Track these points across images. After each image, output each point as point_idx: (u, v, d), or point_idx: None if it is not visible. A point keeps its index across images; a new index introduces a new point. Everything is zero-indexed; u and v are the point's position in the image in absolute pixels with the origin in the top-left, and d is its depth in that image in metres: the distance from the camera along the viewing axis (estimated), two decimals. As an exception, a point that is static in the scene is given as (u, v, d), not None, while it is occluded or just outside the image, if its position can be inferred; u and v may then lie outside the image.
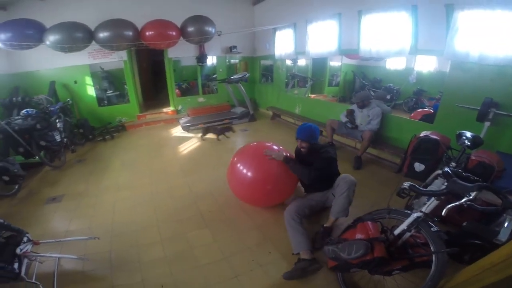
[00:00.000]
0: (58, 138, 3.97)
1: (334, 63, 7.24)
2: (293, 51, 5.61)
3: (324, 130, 4.48)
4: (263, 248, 2.19)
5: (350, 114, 3.88)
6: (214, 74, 7.01)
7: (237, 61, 7.35)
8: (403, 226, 1.50)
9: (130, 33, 4.47)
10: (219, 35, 5.07)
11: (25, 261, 1.70)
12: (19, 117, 3.80)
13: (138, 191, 3.22)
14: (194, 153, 4.36)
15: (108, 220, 2.66)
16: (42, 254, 1.85)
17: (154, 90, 8.11)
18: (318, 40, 4.88)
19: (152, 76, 8.04)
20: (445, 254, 1.35)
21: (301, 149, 2.35)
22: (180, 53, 6.07)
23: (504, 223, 1.27)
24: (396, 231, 1.53)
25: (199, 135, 5.09)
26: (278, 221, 2.45)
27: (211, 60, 6.92)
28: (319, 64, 7.32)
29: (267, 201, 2.63)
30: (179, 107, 6.46)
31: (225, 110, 6.57)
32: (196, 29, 4.80)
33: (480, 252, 1.55)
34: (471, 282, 1.36)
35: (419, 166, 2.39)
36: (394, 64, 7.14)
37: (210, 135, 4.92)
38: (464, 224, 1.63)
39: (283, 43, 5.88)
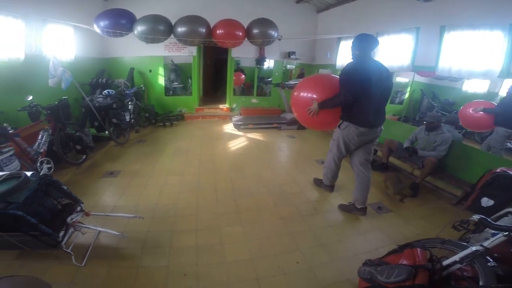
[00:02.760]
0: (127, 118, 4.38)
1: (400, 78, 6.44)
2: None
3: (380, 150, 3.95)
4: (291, 257, 2.12)
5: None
6: (269, 77, 7.00)
7: (293, 67, 7.15)
8: (455, 257, 1.42)
9: (204, 30, 4.67)
10: (279, 39, 4.92)
11: (71, 230, 1.75)
12: (101, 96, 4.24)
13: (186, 178, 3.39)
14: (241, 151, 4.47)
15: (154, 201, 2.79)
16: (87, 226, 1.94)
17: (214, 86, 8.36)
18: (387, 54, 4.44)
19: (214, 73, 8.28)
20: None
21: None
22: (243, 53, 6.31)
23: None
24: (446, 262, 1.44)
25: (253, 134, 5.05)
26: (313, 232, 2.42)
27: (268, 63, 6.84)
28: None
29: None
30: (234, 105, 6.56)
31: (276, 114, 6.59)
32: (260, 32, 4.83)
33: None
34: None
35: (487, 202, 2.15)
36: (473, 87, 6.04)
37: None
38: None
39: (347, 54, 5.46)
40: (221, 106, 6.75)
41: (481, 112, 3.56)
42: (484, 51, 3.14)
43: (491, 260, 1.32)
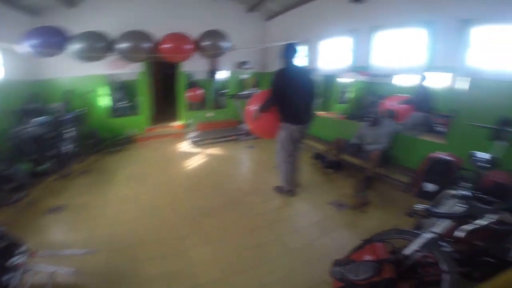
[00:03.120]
0: (68, 147, 4.03)
1: (343, 79, 7.22)
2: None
3: (331, 149, 4.39)
4: (265, 268, 2.19)
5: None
6: (224, 89, 7.14)
7: (248, 76, 7.42)
8: (414, 246, 1.53)
9: (149, 45, 4.62)
10: (234, 49, 5.16)
11: (19, 272, 1.66)
12: (31, 124, 3.90)
13: (142, 204, 3.29)
14: (201, 168, 4.45)
15: (109, 232, 2.68)
16: (36, 266, 1.80)
17: (165, 103, 8.25)
18: (329, 57, 5.03)
19: (164, 89, 8.19)
20: (457, 274, 1.38)
21: None
22: (194, 66, 6.26)
23: None
24: (406, 252, 1.55)
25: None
26: (282, 239, 2.54)
27: (222, 74, 7.05)
28: (329, 81, 7.33)
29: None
30: (189, 121, 6.55)
31: (233, 126, 6.70)
32: (211, 44, 4.93)
33: (490, 269, 1.53)
34: None
35: (429, 187, 2.37)
36: (404, 81, 7.08)
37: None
38: (481, 244, 1.63)
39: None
40: (174, 123, 6.63)
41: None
42: (410, 48, 3.65)
43: (446, 245, 1.45)
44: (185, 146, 5.64)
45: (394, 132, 3.79)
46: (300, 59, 5.52)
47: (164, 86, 8.24)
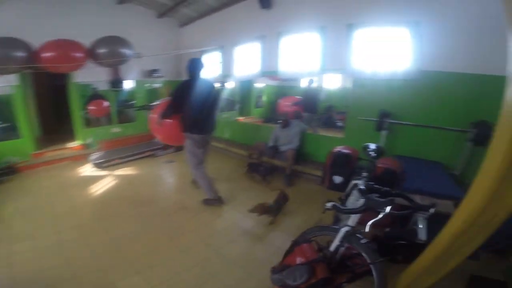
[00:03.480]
0: None
1: (259, 84, 7.77)
2: (220, 74, 5.90)
3: (254, 153, 4.68)
4: (210, 287, 2.15)
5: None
6: (132, 100, 6.64)
7: (160, 85, 7.16)
8: (336, 241, 1.65)
9: (23, 54, 3.93)
10: (139, 57, 4.87)
11: None
12: None
13: (41, 242, 2.74)
14: (111, 193, 3.96)
15: (4, 277, 2.22)
16: None
17: (57, 121, 7.16)
18: (243, 63, 5.27)
19: (54, 104, 7.11)
20: (381, 263, 1.50)
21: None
22: (90, 76, 5.54)
23: (418, 224, 1.47)
24: (331, 247, 1.67)
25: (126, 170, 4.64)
26: (219, 253, 2.52)
27: (129, 85, 6.60)
28: (246, 86, 7.75)
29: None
30: (89, 140, 5.82)
31: (147, 141, 6.20)
32: (109, 51, 4.53)
33: (409, 250, 1.76)
34: (416, 285, 1.57)
35: (337, 179, 2.64)
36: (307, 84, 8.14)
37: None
38: (387, 230, 1.84)
39: (210, 66, 6.08)
40: (70, 144, 5.71)
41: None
42: (308, 52, 4.12)
43: (362, 237, 1.59)
44: (88, 170, 4.92)
45: (302, 132, 4.30)
46: (208, 71, 5.59)
47: (54, 101, 7.15)
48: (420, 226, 1.44)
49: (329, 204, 1.56)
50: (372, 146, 2.26)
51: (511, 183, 1.07)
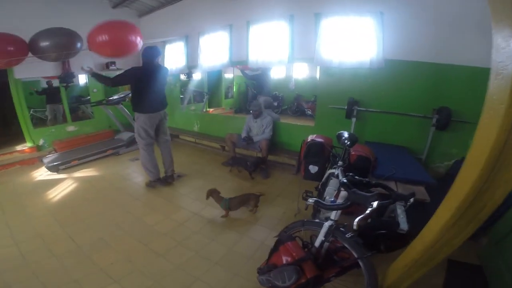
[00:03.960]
0: None
1: (228, 75, 7.57)
2: (185, 65, 5.59)
3: (226, 145, 4.55)
4: None
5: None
6: (87, 95, 6.08)
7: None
8: (320, 237, 1.61)
9: None
10: (90, 49, 4.39)
11: None
12: None
13: (0, 255, 2.45)
14: (71, 198, 3.59)
15: None
16: None
17: (1, 122, 6.38)
18: (210, 53, 5.01)
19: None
20: (368, 258, 1.48)
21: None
22: (34, 72, 4.96)
23: (398, 214, 1.44)
24: (316, 243, 1.63)
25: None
26: (200, 254, 2.41)
27: (83, 79, 6.02)
28: (215, 77, 7.51)
29: None
30: (41, 142, 5.25)
31: (108, 138, 5.78)
32: (54, 44, 4.02)
33: (390, 240, 1.76)
34: (404, 279, 1.58)
35: (313, 168, 2.64)
36: (277, 73, 8.17)
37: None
38: (368, 221, 1.75)
39: (174, 57, 5.79)
40: (19, 147, 5.07)
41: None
42: (277, 41, 4.01)
43: (346, 231, 1.56)
44: (43, 174, 4.43)
45: (274, 121, 4.25)
46: (170, 61, 5.81)
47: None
48: (401, 216, 1.43)
49: (311, 200, 1.51)
50: (346, 134, 2.23)
51: (498, 174, 1.08)
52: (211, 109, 7.46)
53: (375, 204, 1.29)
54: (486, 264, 2.09)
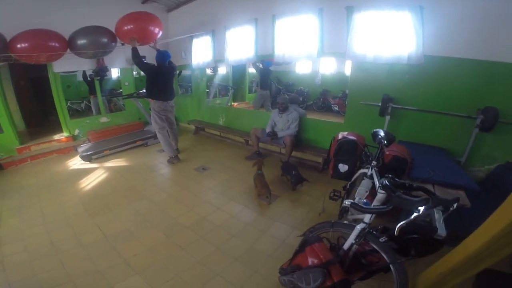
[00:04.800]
0: None
1: (252, 69, 7.50)
2: (211, 60, 5.61)
3: (250, 139, 4.53)
4: (215, 286, 2.03)
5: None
6: (119, 88, 6.34)
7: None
8: (351, 240, 1.55)
9: None
10: (122, 44, 4.56)
11: None
12: None
13: (32, 241, 2.61)
14: (101, 188, 3.77)
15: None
16: None
17: (41, 113, 6.86)
18: (236, 47, 4.98)
19: (36, 97, 6.78)
20: (401, 264, 1.41)
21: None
22: (71, 66, 5.28)
23: (436, 219, 1.33)
24: (345, 246, 1.57)
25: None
26: (221, 249, 2.41)
27: (115, 73, 6.27)
28: (239, 71, 7.50)
29: None
30: (76, 132, 5.56)
31: (137, 130, 6.01)
32: (90, 41, 4.23)
33: (422, 245, 1.60)
34: (437, 286, 1.49)
35: (343, 167, 2.51)
36: (302, 68, 7.95)
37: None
38: (402, 225, 1.68)
39: (201, 52, 5.83)
40: (57, 136, 5.46)
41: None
42: (305, 35, 3.87)
43: (379, 235, 1.48)
44: (76, 163, 4.72)
45: (300, 116, 4.13)
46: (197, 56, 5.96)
47: (36, 93, 6.82)
48: (439, 221, 1.30)
49: (347, 202, 1.44)
50: (382, 132, 2.10)
51: None
52: (235, 103, 7.47)
53: (422, 209, 1.20)
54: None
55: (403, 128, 3.42)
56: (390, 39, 3.22)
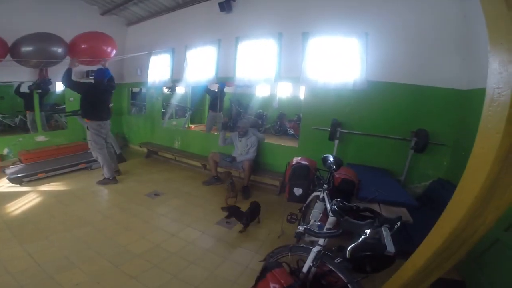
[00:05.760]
0: None
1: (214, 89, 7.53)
2: (169, 78, 5.51)
3: (208, 164, 4.43)
4: None
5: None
6: (63, 104, 5.78)
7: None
8: (308, 262, 1.58)
9: None
10: (74, 66, 4.21)
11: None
12: None
13: None
14: (34, 213, 3.28)
15: None
16: None
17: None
18: (196, 67, 4.99)
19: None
20: (359, 282, 1.46)
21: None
22: (7, 76, 4.68)
23: (384, 236, 1.42)
24: (304, 269, 1.60)
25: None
26: (179, 278, 2.25)
27: (60, 87, 5.73)
28: (198, 92, 7.44)
29: None
30: (5, 151, 4.84)
31: (80, 151, 5.41)
32: (36, 49, 3.88)
33: (375, 261, 1.64)
34: None
35: (297, 191, 2.64)
36: (262, 91, 8.29)
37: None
38: (351, 248, 1.74)
39: (158, 69, 5.71)
40: None
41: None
42: (265, 59, 4.07)
43: (334, 256, 1.53)
44: (4, 185, 4.03)
45: (258, 141, 4.20)
46: (155, 74, 5.81)
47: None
48: (387, 238, 1.42)
49: (300, 228, 1.50)
50: (331, 157, 2.31)
51: (491, 201, 1.11)
52: (193, 125, 7.34)
53: (368, 232, 1.30)
54: (468, 280, 2.14)
55: (350, 151, 3.72)
56: (339, 65, 3.58)
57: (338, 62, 3.59)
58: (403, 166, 3.37)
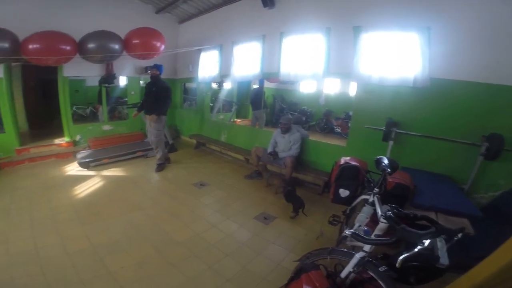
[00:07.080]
0: None
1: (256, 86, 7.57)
2: (217, 74, 5.64)
3: (250, 157, 4.45)
4: None
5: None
6: (125, 97, 6.37)
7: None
8: (349, 268, 1.50)
9: (6, 45, 3.72)
10: (131, 54, 4.62)
11: None
12: None
13: (15, 246, 2.50)
14: (96, 196, 3.67)
15: None
16: None
17: (46, 115, 6.86)
18: (242, 63, 5.02)
19: (43, 98, 6.81)
20: None
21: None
22: (80, 71, 5.31)
23: (438, 247, 1.28)
24: (343, 274, 1.52)
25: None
26: (214, 268, 2.30)
27: (123, 81, 6.31)
28: (244, 87, 7.54)
29: None
30: (77, 137, 5.52)
31: (139, 140, 5.95)
32: (99, 46, 4.30)
33: (422, 272, 1.53)
34: None
35: (344, 192, 2.47)
36: (307, 87, 7.99)
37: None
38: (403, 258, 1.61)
39: (207, 65, 5.89)
40: (57, 140, 5.39)
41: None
42: (311, 54, 3.89)
43: (379, 264, 1.42)
44: (74, 168, 4.64)
45: (303, 138, 4.07)
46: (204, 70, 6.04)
47: (42, 95, 6.86)
48: (442, 249, 1.24)
49: (348, 232, 1.39)
50: (385, 160, 2.07)
51: None
52: (238, 120, 7.47)
53: (426, 242, 1.17)
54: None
55: (406, 153, 3.33)
56: (396, 61, 3.22)
57: (396, 57, 3.21)
58: (469, 173, 2.91)
